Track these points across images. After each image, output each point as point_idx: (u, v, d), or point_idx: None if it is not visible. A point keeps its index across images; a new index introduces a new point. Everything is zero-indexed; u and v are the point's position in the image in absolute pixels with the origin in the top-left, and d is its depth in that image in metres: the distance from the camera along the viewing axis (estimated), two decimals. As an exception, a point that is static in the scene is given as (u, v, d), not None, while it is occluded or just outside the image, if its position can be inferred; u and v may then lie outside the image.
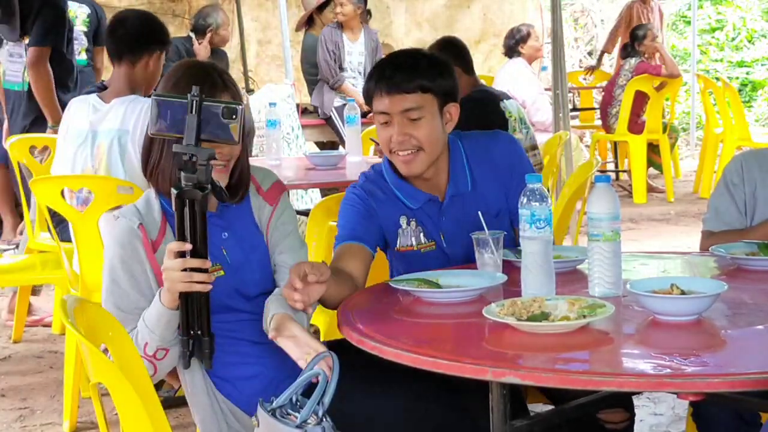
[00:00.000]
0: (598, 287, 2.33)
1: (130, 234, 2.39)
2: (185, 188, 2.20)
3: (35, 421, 3.97)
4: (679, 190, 8.61)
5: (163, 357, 2.33)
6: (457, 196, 2.82)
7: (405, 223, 2.82)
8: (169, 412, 3.96)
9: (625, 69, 8.42)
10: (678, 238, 6.78)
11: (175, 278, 2.23)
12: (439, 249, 2.84)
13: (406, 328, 2.29)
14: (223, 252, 2.48)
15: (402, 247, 2.83)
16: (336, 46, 7.49)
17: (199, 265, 2.23)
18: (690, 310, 2.14)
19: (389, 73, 2.71)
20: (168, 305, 2.29)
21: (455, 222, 2.81)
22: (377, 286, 2.60)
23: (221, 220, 2.51)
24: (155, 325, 2.31)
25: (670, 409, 3.82)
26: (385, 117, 2.73)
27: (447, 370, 1.96)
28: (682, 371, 1.87)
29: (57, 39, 5.25)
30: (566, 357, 2.00)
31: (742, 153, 3.26)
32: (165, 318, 2.30)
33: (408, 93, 2.70)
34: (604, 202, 2.31)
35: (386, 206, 2.81)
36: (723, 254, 2.68)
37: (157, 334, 2.31)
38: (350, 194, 2.84)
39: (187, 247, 2.22)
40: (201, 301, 2.26)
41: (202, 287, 2.24)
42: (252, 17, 10.17)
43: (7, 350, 4.90)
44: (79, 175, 3.80)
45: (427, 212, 2.82)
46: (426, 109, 2.72)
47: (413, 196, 2.82)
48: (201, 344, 2.28)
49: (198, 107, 2.20)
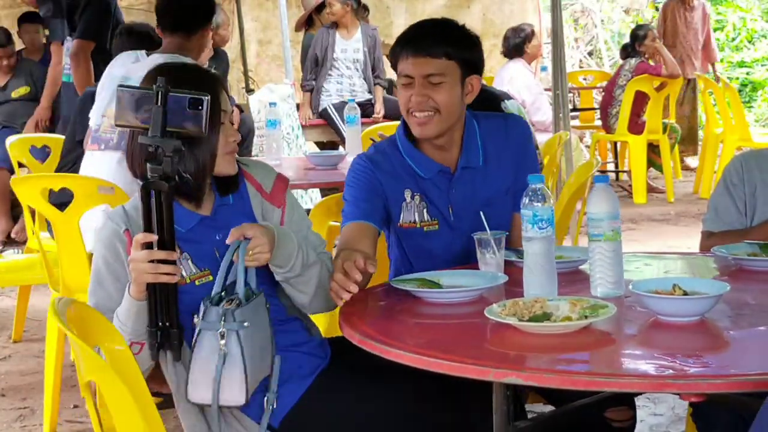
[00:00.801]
0: (600, 287, 2.32)
1: (114, 237, 2.39)
2: (151, 179, 2.20)
3: (35, 421, 3.96)
4: (679, 191, 8.61)
5: (138, 351, 2.31)
6: (468, 169, 2.84)
7: (409, 197, 2.83)
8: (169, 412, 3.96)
9: (625, 69, 8.42)
10: (678, 238, 6.77)
11: (142, 269, 2.23)
12: (443, 228, 2.84)
13: (408, 329, 2.29)
14: (216, 254, 2.43)
15: (404, 223, 2.85)
16: (323, 49, 7.52)
17: (165, 257, 2.23)
18: (692, 311, 2.14)
19: (418, 37, 2.77)
20: (136, 297, 2.28)
21: (464, 196, 2.83)
22: (378, 286, 2.59)
23: (215, 221, 2.47)
24: (126, 317, 2.30)
25: (670, 410, 3.82)
26: (407, 79, 2.77)
27: (449, 370, 1.95)
28: (684, 372, 1.87)
29: (100, 34, 5.27)
30: (568, 358, 2.00)
31: (742, 153, 3.26)
32: (134, 310, 2.29)
33: (433, 57, 2.74)
34: (604, 202, 2.31)
35: (392, 179, 2.83)
36: (725, 255, 2.68)
37: (128, 327, 2.30)
38: (356, 165, 2.87)
39: (152, 237, 2.23)
40: (168, 293, 2.25)
41: (169, 278, 2.24)
42: (252, 17, 10.17)
43: (7, 350, 4.90)
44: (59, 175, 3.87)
45: (437, 184, 2.83)
46: (448, 75, 2.76)
47: (425, 165, 2.83)
48: (169, 336, 2.27)
49: (163, 98, 2.19)
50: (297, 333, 2.56)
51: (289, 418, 2.42)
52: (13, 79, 7.45)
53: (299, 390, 2.45)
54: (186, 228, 2.43)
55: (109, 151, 3.92)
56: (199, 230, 2.45)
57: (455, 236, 2.83)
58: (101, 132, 3.96)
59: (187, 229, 2.43)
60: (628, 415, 2.62)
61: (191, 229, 2.44)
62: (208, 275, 2.42)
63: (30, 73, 7.43)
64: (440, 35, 2.78)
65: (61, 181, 3.84)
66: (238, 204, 2.52)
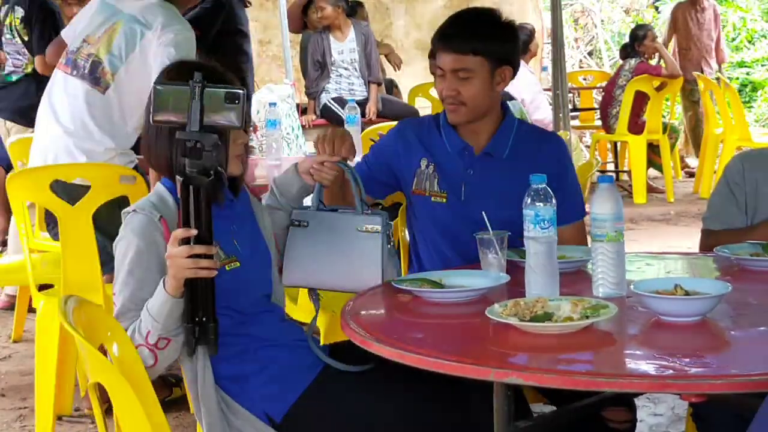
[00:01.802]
0: (601, 288, 2.32)
1: (150, 226, 2.38)
2: (190, 175, 2.20)
3: (35, 421, 3.96)
4: (679, 191, 8.61)
5: (164, 347, 2.31)
6: (490, 156, 2.98)
7: (424, 165, 3.00)
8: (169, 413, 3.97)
9: (625, 69, 8.42)
10: (678, 238, 6.78)
11: (181, 265, 2.23)
12: (452, 203, 2.95)
13: (409, 329, 2.29)
14: (235, 243, 2.49)
15: (416, 189, 3.01)
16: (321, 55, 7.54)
17: (204, 251, 2.23)
18: (694, 311, 2.14)
19: (450, 33, 2.92)
20: (172, 293, 2.28)
21: (480, 180, 2.95)
22: (380, 286, 2.59)
23: (229, 213, 2.52)
24: (158, 313, 2.29)
25: (670, 410, 3.82)
26: (440, 71, 2.93)
27: (450, 370, 1.95)
28: (685, 372, 1.87)
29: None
30: (569, 358, 2.00)
31: (743, 152, 3.26)
32: (168, 306, 2.28)
33: (461, 54, 2.88)
34: (608, 202, 2.31)
35: (412, 147, 3.02)
36: (727, 255, 2.68)
37: (160, 323, 2.29)
38: (387, 134, 3.12)
39: (192, 233, 2.23)
40: (206, 288, 2.26)
41: (208, 273, 2.24)
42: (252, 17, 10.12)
43: (6, 350, 4.90)
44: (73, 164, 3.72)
45: (457, 160, 2.98)
46: (476, 71, 2.90)
47: (453, 140, 3.00)
48: (206, 330, 2.27)
49: (200, 93, 2.20)
50: (298, 331, 2.61)
51: (291, 414, 2.42)
52: None
53: (302, 384, 2.46)
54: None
55: (78, 80, 3.84)
56: (219, 221, 2.47)
57: (462, 214, 2.89)
58: (78, 56, 3.87)
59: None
60: (627, 417, 2.62)
61: (214, 218, 2.46)
62: (235, 261, 2.46)
63: None
64: (470, 32, 2.90)
65: (76, 171, 3.68)
66: (241, 199, 2.58)
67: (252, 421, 2.43)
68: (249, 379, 2.46)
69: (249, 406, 2.43)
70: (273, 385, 2.45)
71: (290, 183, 2.71)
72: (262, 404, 2.43)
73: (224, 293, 2.40)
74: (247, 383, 2.45)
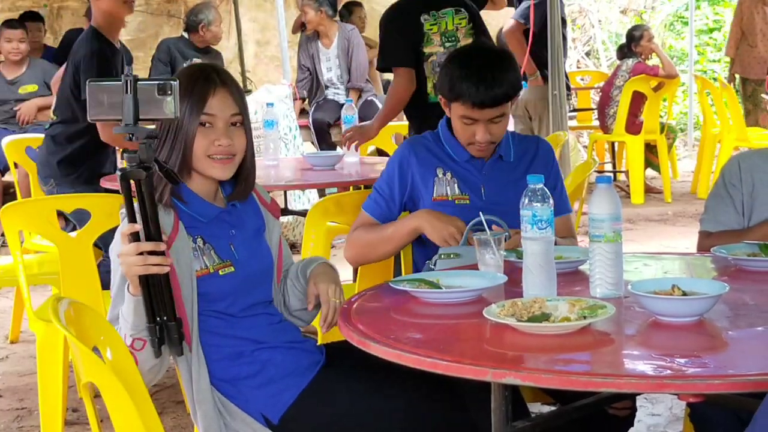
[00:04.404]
0: (599, 288, 2.32)
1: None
2: (129, 169, 2.18)
3: (33, 422, 3.96)
4: (676, 191, 8.61)
5: (141, 348, 2.30)
6: (500, 160, 3.11)
7: (441, 173, 3.08)
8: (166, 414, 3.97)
9: (622, 70, 8.42)
10: (675, 238, 6.78)
11: (131, 262, 2.22)
12: (474, 203, 3.02)
13: (407, 329, 2.29)
14: (232, 248, 2.49)
15: (438, 197, 3.07)
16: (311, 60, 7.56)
17: (153, 248, 2.21)
18: (691, 312, 2.14)
19: (483, 91, 2.95)
20: (133, 292, 2.27)
21: (497, 181, 3.08)
22: (378, 286, 2.59)
23: (230, 216, 2.52)
24: (127, 313, 2.30)
25: (668, 410, 3.82)
26: (470, 120, 3.01)
27: (447, 371, 1.95)
28: (683, 373, 1.86)
29: None
30: (567, 358, 1.99)
31: (740, 153, 3.26)
32: (132, 305, 2.28)
33: (499, 106, 2.98)
34: (606, 202, 2.31)
35: (425, 160, 3.10)
36: (724, 255, 2.68)
37: (129, 323, 2.29)
38: (398, 151, 3.15)
39: (136, 228, 2.21)
40: (162, 285, 2.24)
41: (159, 269, 2.22)
42: (250, 18, 10.16)
43: (4, 351, 4.89)
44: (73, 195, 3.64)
45: (469, 167, 3.09)
46: (506, 111, 3.03)
47: (460, 151, 3.09)
48: (168, 330, 2.26)
49: (133, 87, 2.18)
50: (294, 332, 2.60)
51: (288, 415, 2.42)
52: (24, 75, 7.39)
53: (299, 385, 2.46)
54: (207, 219, 2.48)
55: None
56: (217, 223, 2.49)
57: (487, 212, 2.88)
58: None
59: (208, 219, 2.48)
60: (627, 404, 2.65)
61: (211, 221, 2.49)
62: (230, 266, 2.45)
63: (43, 73, 7.36)
64: (500, 84, 2.96)
65: (75, 201, 3.62)
66: (249, 206, 2.58)
67: (249, 422, 2.43)
68: (245, 380, 2.46)
69: (245, 408, 2.43)
70: (270, 386, 2.45)
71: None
72: (258, 405, 2.43)
73: (217, 296, 2.40)
74: (244, 385, 2.46)
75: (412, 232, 2.94)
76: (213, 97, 2.45)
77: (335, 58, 7.58)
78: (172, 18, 9.80)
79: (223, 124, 2.47)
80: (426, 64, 4.62)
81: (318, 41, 7.58)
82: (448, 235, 2.85)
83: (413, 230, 2.94)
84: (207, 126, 2.45)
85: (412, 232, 2.94)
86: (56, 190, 4.57)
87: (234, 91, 2.49)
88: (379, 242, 3.01)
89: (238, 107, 2.49)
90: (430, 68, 4.60)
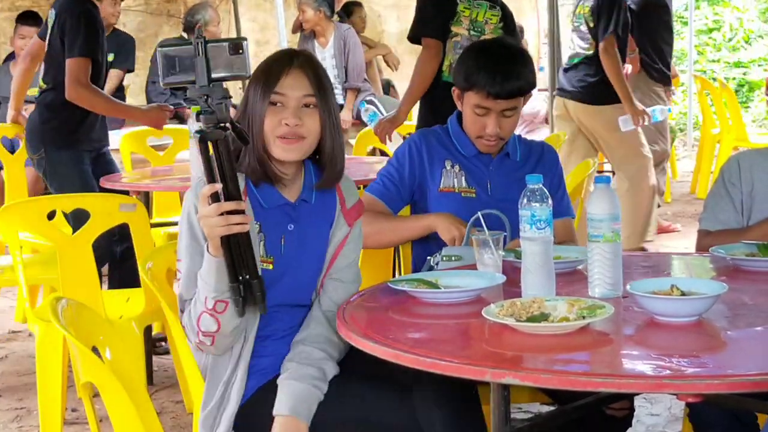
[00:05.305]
0: (598, 288, 2.32)
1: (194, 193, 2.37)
2: (206, 130, 2.19)
3: (32, 422, 3.96)
4: (675, 191, 8.60)
5: (223, 310, 2.29)
6: (507, 158, 3.14)
7: (449, 165, 3.11)
8: (165, 414, 3.97)
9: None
10: (675, 238, 6.78)
11: (213, 224, 2.20)
12: (480, 197, 3.05)
13: (406, 329, 2.29)
14: (282, 243, 2.45)
15: (444, 188, 3.09)
16: None
17: (234, 207, 2.20)
18: (690, 312, 2.14)
19: (499, 81, 2.98)
20: (214, 253, 2.26)
21: (502, 179, 3.10)
22: (377, 286, 2.59)
23: (294, 211, 2.47)
24: (208, 275, 2.27)
25: (667, 410, 3.82)
26: (482, 110, 3.03)
27: (446, 370, 1.95)
28: (682, 373, 1.86)
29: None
30: (565, 358, 1.99)
31: (739, 153, 3.26)
32: (214, 267, 2.26)
33: (514, 99, 3.02)
34: (605, 202, 2.31)
35: (435, 151, 3.12)
36: (723, 255, 2.68)
37: (211, 285, 2.27)
38: (409, 140, 3.16)
39: (217, 187, 2.20)
40: (243, 244, 2.23)
41: (241, 228, 2.21)
42: (249, 18, 10.16)
43: (3, 350, 4.89)
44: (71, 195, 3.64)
45: (477, 162, 3.12)
46: (518, 106, 3.06)
47: (468, 146, 3.12)
48: (251, 288, 2.24)
49: (203, 48, 2.20)
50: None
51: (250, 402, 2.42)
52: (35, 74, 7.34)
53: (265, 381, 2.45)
54: (268, 206, 2.45)
55: None
56: (278, 213, 2.45)
57: (492, 207, 2.91)
58: None
59: (269, 206, 2.45)
60: (625, 404, 2.64)
61: (272, 209, 2.45)
62: (270, 262, 2.43)
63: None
64: (516, 77, 3.00)
65: (74, 201, 3.61)
66: (320, 206, 2.51)
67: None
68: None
69: None
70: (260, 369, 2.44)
71: None
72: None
73: None
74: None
75: (426, 228, 2.98)
76: (286, 76, 2.42)
77: (331, 58, 7.57)
78: (172, 18, 9.80)
79: (294, 104, 2.42)
80: (449, 42, 4.63)
81: (314, 41, 7.58)
82: (459, 236, 2.88)
83: (427, 227, 2.98)
84: (278, 105, 2.42)
85: (426, 228, 2.98)
86: (45, 161, 4.57)
87: (311, 74, 2.44)
88: (390, 230, 3.04)
89: (314, 89, 2.43)
90: (452, 46, 4.61)
